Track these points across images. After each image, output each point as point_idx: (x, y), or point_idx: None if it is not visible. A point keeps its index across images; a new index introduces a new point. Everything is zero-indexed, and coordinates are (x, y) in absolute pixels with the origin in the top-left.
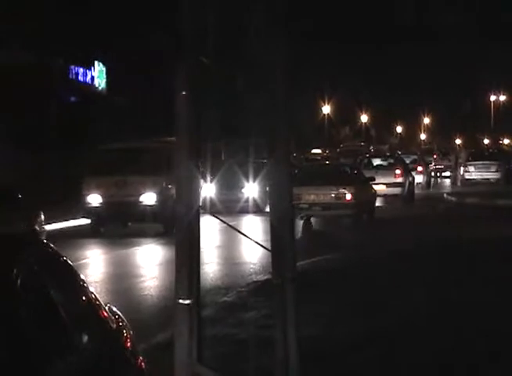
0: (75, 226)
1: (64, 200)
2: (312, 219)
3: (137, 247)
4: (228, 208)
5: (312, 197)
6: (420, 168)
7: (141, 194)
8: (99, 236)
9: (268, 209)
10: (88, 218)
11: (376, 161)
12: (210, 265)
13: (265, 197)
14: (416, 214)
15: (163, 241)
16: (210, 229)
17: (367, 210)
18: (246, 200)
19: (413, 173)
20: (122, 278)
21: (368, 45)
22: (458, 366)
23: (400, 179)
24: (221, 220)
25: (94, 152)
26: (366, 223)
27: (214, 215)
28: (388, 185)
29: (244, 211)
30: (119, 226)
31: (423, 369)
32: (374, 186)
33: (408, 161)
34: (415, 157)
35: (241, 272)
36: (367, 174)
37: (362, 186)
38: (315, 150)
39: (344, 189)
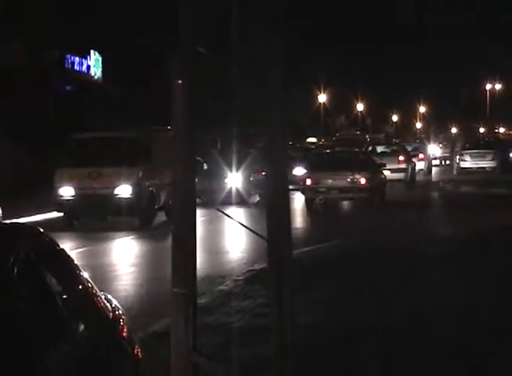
0: (47, 219)
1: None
2: (328, 202)
3: (110, 242)
4: (210, 199)
5: (330, 181)
6: (421, 156)
7: (116, 186)
8: (71, 230)
9: (251, 200)
10: (60, 211)
11: (381, 148)
12: (206, 255)
13: (248, 187)
14: (417, 197)
15: (138, 235)
16: (204, 218)
17: (379, 193)
18: (229, 191)
19: (415, 160)
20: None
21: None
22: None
23: (403, 165)
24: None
25: (66, 141)
26: (378, 206)
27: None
28: (392, 170)
29: (227, 202)
30: (95, 220)
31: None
32: None
33: (410, 149)
34: (416, 145)
35: (237, 261)
36: None
37: (375, 171)
38: (310, 139)
39: (359, 174)
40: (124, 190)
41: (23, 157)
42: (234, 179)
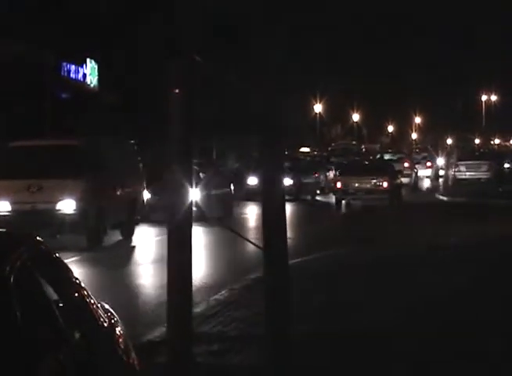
0: None
1: None
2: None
3: None
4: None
5: (357, 184)
6: (428, 164)
7: (58, 201)
8: None
9: (214, 216)
10: None
11: (388, 156)
12: (202, 264)
13: (209, 202)
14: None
15: (82, 257)
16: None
17: (397, 195)
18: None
19: (424, 167)
20: None
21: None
22: None
23: (408, 171)
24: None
25: (2, 150)
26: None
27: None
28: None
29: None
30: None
31: None
32: None
33: (419, 158)
34: (425, 154)
35: (232, 270)
36: None
37: (394, 176)
38: (303, 149)
39: (382, 178)
40: (67, 205)
41: None
42: (193, 193)
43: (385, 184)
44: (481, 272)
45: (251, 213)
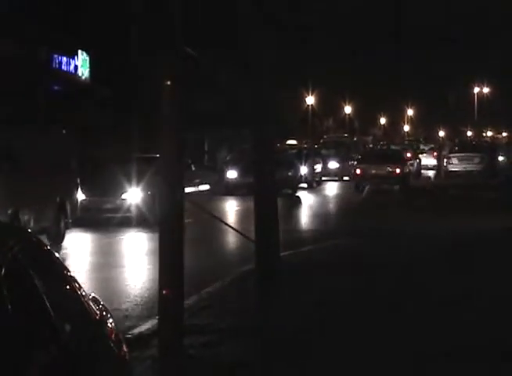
0: None
1: None
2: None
3: None
4: (103, 219)
5: (373, 171)
6: (435, 154)
7: None
8: None
9: (157, 220)
10: None
11: (393, 147)
12: (193, 256)
13: (153, 204)
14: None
15: None
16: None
17: (406, 181)
18: (128, 210)
19: (430, 157)
20: None
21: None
22: None
23: (411, 161)
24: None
25: None
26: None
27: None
28: None
29: (124, 223)
30: None
31: None
32: None
33: (427, 148)
34: (432, 145)
35: (225, 263)
36: None
37: (405, 164)
38: (290, 142)
39: (395, 166)
40: None
41: None
42: (135, 194)
43: (398, 170)
44: None
45: (225, 210)
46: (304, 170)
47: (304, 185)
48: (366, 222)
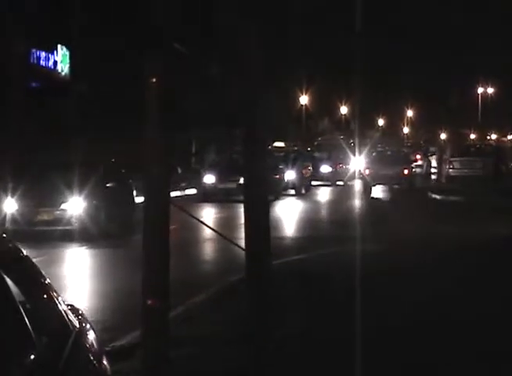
0: None
1: None
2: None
3: None
4: (37, 233)
5: (384, 171)
6: (445, 157)
7: None
8: None
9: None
10: None
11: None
12: (179, 264)
13: (99, 215)
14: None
15: None
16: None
17: (412, 181)
18: (68, 222)
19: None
20: None
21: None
22: None
23: (420, 162)
24: (200, 221)
25: None
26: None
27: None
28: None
29: (63, 238)
30: None
31: None
32: None
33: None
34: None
35: (212, 272)
36: None
37: (411, 165)
38: (276, 144)
39: (403, 167)
40: None
41: None
42: (76, 205)
43: (406, 171)
44: None
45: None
46: (291, 175)
47: (292, 191)
48: (343, 232)
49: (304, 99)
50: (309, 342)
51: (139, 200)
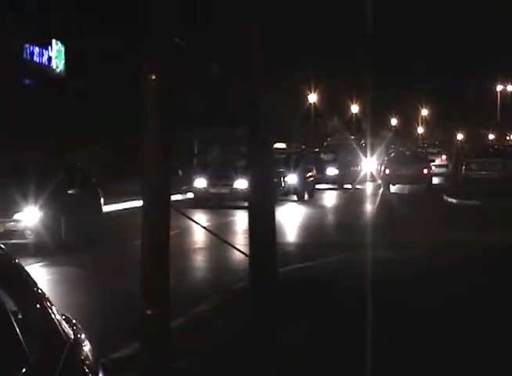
0: None
1: None
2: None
3: None
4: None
5: (403, 171)
6: (444, 157)
7: None
8: None
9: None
10: None
11: (430, 150)
12: (181, 272)
13: (58, 226)
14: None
15: None
16: (181, 230)
17: (431, 180)
18: (22, 235)
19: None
20: None
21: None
22: None
23: (445, 162)
24: (202, 226)
25: None
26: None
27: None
28: (437, 166)
29: (19, 252)
30: None
31: None
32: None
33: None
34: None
35: (214, 279)
36: None
37: (429, 165)
38: (277, 145)
39: (422, 166)
40: None
41: None
42: (31, 215)
43: (425, 171)
44: None
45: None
46: (292, 178)
47: (294, 196)
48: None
49: (312, 98)
50: (314, 350)
51: (111, 208)
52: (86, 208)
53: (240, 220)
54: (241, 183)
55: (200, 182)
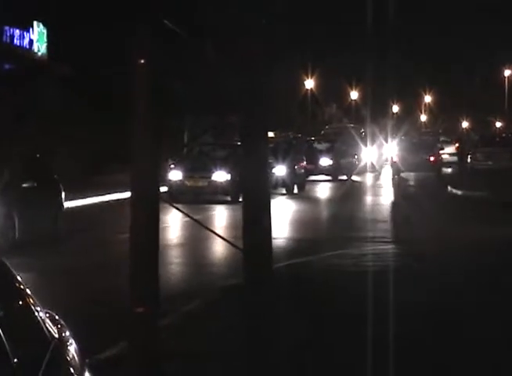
0: None
1: None
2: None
3: None
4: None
5: (410, 159)
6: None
7: None
8: None
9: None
10: None
11: (442, 138)
12: (171, 267)
13: (10, 223)
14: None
15: None
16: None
17: (440, 169)
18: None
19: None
20: None
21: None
22: None
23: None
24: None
25: None
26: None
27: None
28: (450, 154)
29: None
30: None
31: None
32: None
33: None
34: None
35: (207, 276)
36: None
37: (439, 153)
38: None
39: (430, 154)
40: None
41: None
42: None
43: (432, 158)
44: None
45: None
46: (281, 170)
47: (283, 189)
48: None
49: (309, 84)
50: (314, 350)
51: (84, 202)
52: (44, 203)
53: (221, 215)
54: (220, 175)
55: (175, 175)
